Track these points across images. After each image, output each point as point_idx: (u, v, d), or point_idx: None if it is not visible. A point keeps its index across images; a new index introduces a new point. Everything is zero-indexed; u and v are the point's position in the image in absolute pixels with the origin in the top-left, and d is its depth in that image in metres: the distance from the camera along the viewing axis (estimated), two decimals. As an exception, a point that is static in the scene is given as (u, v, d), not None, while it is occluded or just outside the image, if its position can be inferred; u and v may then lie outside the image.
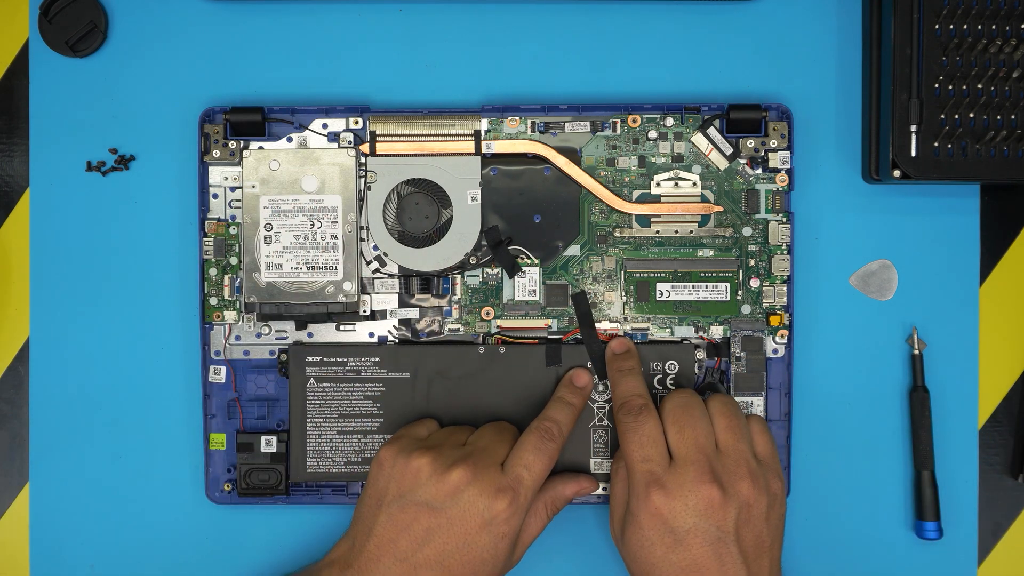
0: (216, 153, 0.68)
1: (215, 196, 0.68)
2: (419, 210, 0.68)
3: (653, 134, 0.68)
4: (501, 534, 0.61)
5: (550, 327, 0.69)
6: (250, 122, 0.68)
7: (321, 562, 0.64)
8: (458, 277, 0.69)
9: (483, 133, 0.68)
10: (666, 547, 0.60)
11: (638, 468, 0.61)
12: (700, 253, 0.68)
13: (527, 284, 0.69)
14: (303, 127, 0.68)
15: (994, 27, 0.65)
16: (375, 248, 0.68)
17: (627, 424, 0.63)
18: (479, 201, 0.68)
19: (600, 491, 0.68)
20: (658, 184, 0.69)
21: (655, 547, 0.60)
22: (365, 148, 0.68)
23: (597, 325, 0.68)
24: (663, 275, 0.68)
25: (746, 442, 0.62)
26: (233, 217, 0.68)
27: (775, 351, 0.68)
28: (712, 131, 0.68)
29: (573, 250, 0.69)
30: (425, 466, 0.62)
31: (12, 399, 0.70)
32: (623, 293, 0.69)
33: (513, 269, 0.68)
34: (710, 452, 0.61)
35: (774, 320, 0.68)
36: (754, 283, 0.68)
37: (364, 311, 0.68)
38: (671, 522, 0.60)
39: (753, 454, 0.62)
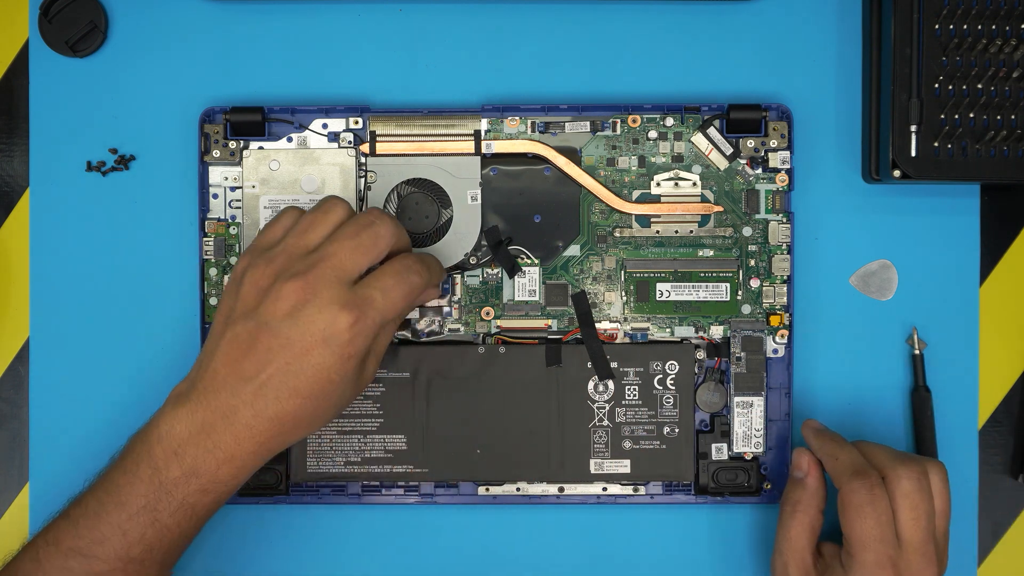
0: (216, 153, 0.68)
1: (215, 196, 0.69)
2: (419, 210, 0.68)
3: (653, 134, 0.68)
4: (345, 355, 0.58)
5: (550, 327, 0.69)
6: (250, 122, 0.68)
7: (166, 399, 0.60)
8: (458, 277, 0.69)
9: (483, 133, 0.68)
10: None
11: (874, 547, 0.61)
12: (700, 253, 0.68)
13: (527, 284, 0.69)
14: (303, 127, 0.68)
15: (994, 27, 0.65)
16: (375, 248, 0.68)
17: (863, 496, 0.61)
18: (479, 201, 0.68)
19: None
20: (658, 184, 0.69)
21: None
22: (365, 148, 0.68)
23: (597, 325, 0.68)
24: (663, 275, 0.68)
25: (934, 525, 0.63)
26: (233, 217, 0.68)
27: (775, 351, 0.68)
28: (712, 131, 0.68)
29: (573, 250, 0.69)
30: (263, 280, 0.58)
31: (12, 399, 0.70)
32: (623, 293, 0.69)
33: (513, 269, 0.68)
34: (936, 539, 0.61)
35: (774, 320, 0.68)
36: (754, 283, 0.68)
37: (364, 311, 0.68)
38: None
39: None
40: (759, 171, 0.68)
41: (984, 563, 0.70)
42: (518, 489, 0.69)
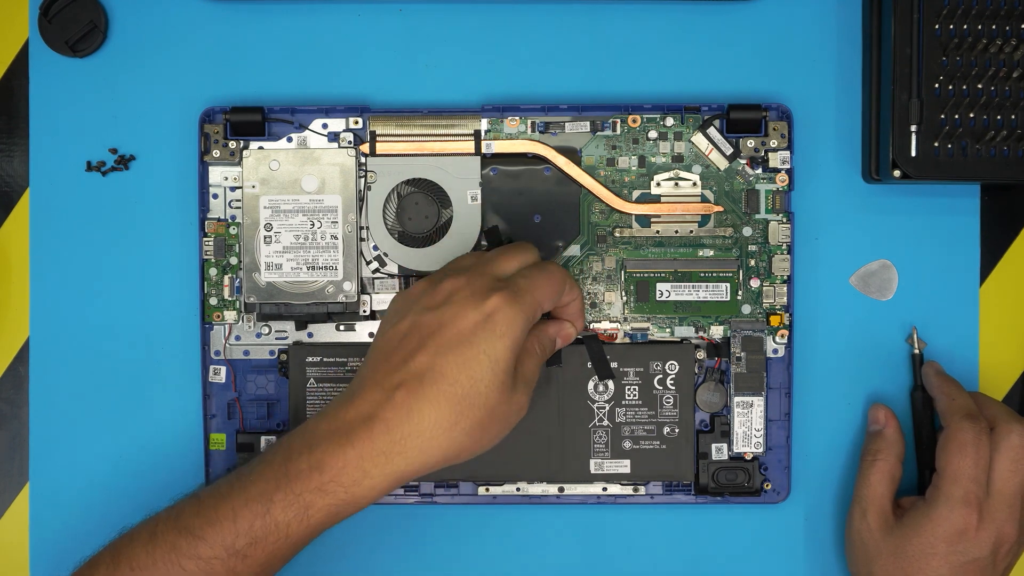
0: (216, 153, 0.68)
1: (215, 196, 0.69)
2: (419, 210, 0.68)
3: (653, 134, 0.68)
4: (500, 333, 0.57)
5: (550, 327, 0.69)
6: (250, 122, 0.68)
7: (341, 419, 0.58)
8: (458, 277, 0.69)
9: (483, 133, 0.68)
10: (950, 565, 0.62)
11: (965, 484, 0.62)
12: (700, 253, 0.68)
13: (527, 284, 0.68)
14: (303, 127, 0.68)
15: (994, 27, 0.65)
16: (375, 248, 0.68)
17: (969, 436, 0.63)
18: (479, 201, 0.68)
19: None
20: (658, 184, 0.69)
21: (933, 558, 0.62)
22: (365, 148, 0.68)
23: (597, 325, 0.68)
24: (663, 275, 0.68)
25: None
26: (233, 217, 0.68)
27: (775, 351, 0.68)
28: (712, 131, 0.68)
29: (573, 250, 0.69)
30: (422, 283, 0.60)
31: (12, 399, 0.70)
32: (623, 293, 0.69)
33: (513, 269, 0.68)
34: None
35: (774, 320, 0.68)
36: (754, 283, 0.68)
37: (364, 311, 0.68)
38: (968, 548, 0.62)
39: None
40: (759, 171, 0.68)
41: (984, 563, 0.70)
42: (518, 489, 0.69)
